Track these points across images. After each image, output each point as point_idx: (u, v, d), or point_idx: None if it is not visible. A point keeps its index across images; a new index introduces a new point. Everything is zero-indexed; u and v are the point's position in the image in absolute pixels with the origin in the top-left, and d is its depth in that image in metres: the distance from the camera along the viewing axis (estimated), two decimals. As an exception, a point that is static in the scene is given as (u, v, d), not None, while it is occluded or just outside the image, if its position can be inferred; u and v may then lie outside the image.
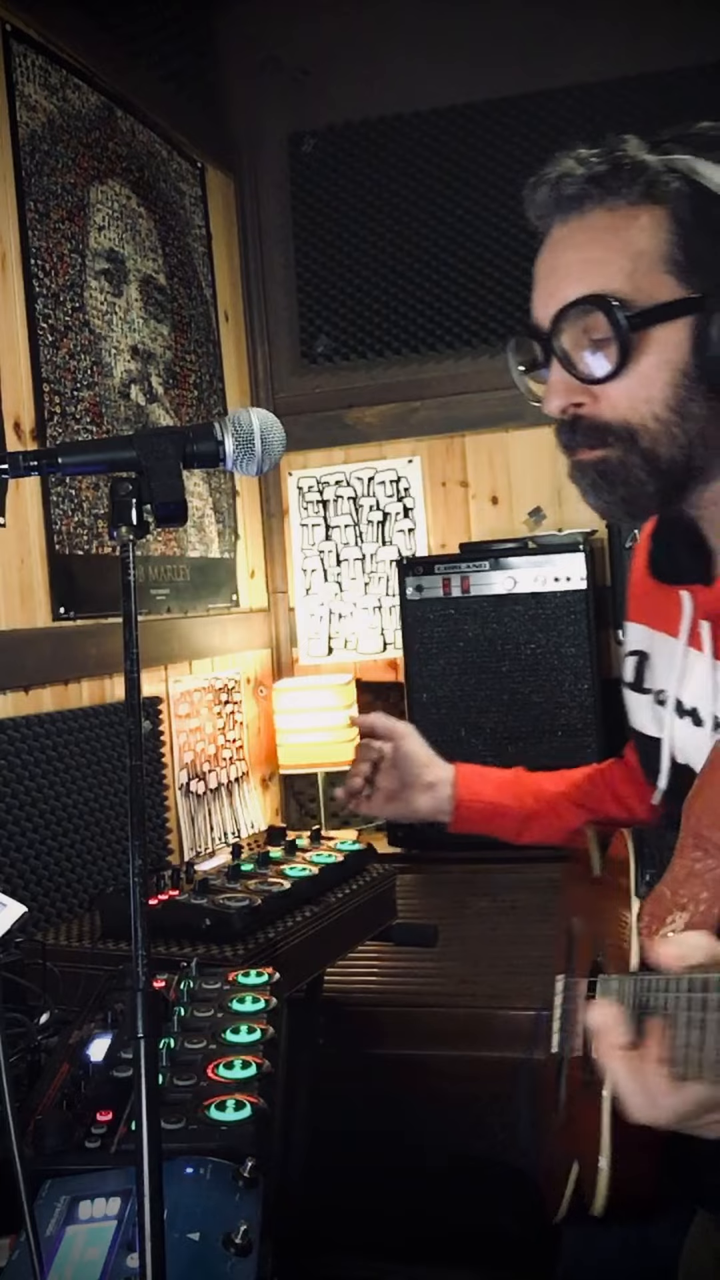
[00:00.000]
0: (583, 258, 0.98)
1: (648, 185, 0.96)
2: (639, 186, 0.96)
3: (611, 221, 0.97)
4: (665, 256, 0.95)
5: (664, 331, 0.96)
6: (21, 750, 2.29)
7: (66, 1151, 1.18)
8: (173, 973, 1.61)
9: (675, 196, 0.96)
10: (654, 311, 0.95)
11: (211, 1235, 1.00)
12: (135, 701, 0.95)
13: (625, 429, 0.98)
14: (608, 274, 0.96)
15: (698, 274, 0.95)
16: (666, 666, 1.13)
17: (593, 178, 0.98)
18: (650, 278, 0.96)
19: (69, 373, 2.61)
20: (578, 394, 1.00)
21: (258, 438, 1.03)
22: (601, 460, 1.01)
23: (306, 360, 3.59)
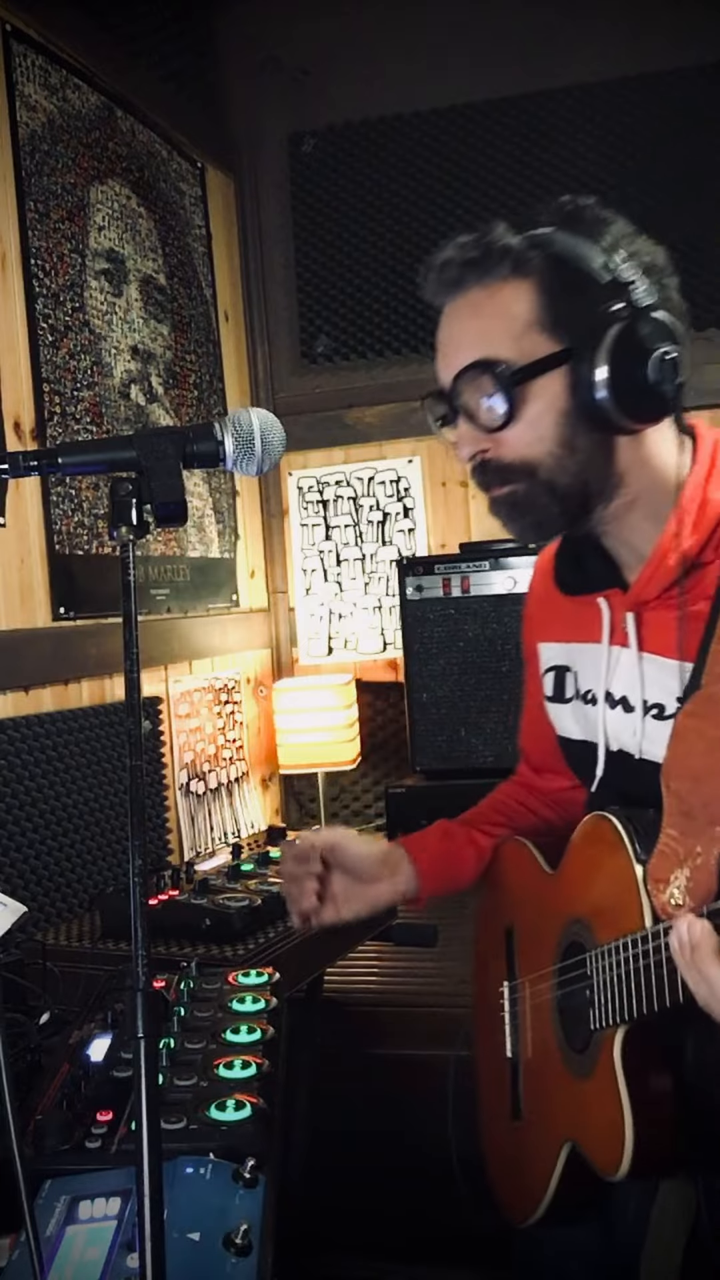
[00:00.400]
0: (468, 328, 1.16)
1: (514, 263, 1.13)
2: (507, 265, 1.13)
3: (487, 296, 1.15)
4: (535, 319, 1.13)
5: (544, 381, 1.12)
6: (21, 750, 2.29)
7: (66, 1151, 1.18)
8: (173, 973, 1.61)
9: (538, 268, 1.13)
10: (530, 367, 1.12)
11: (211, 1235, 1.00)
12: (135, 701, 0.95)
13: (525, 466, 1.15)
14: (490, 340, 1.14)
15: (565, 330, 1.12)
16: (592, 669, 1.28)
17: (467, 262, 1.15)
18: (526, 338, 1.13)
19: (69, 373, 2.61)
20: (482, 442, 1.17)
21: (258, 438, 1.03)
22: (510, 494, 1.18)
23: (306, 360, 3.60)
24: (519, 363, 1.12)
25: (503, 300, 1.14)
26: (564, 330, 1.12)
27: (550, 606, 1.36)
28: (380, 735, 3.55)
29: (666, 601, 1.18)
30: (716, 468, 1.18)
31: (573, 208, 1.16)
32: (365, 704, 3.50)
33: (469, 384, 1.15)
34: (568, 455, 1.14)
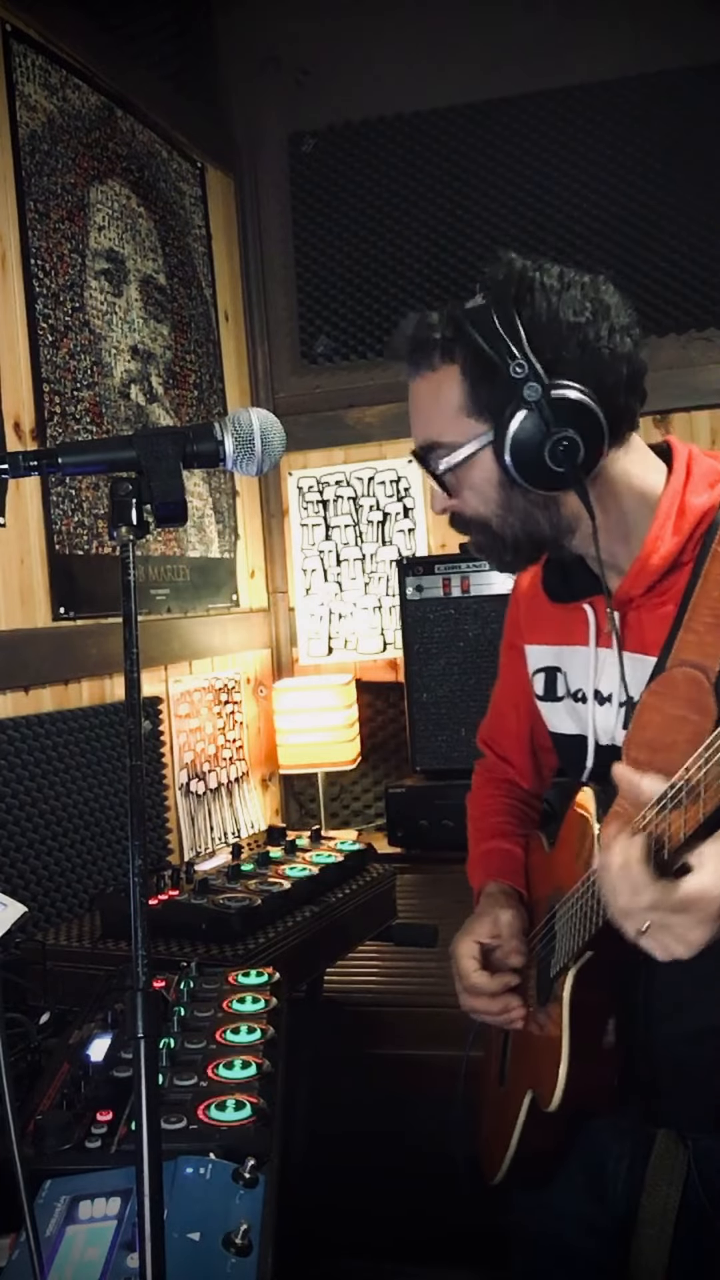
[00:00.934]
0: (418, 411, 1.30)
1: (442, 351, 1.25)
2: (437, 354, 1.25)
3: (427, 383, 1.27)
4: (461, 404, 1.25)
5: (478, 458, 1.25)
6: (21, 750, 2.29)
7: (66, 1151, 1.18)
8: (173, 973, 1.61)
9: (461, 356, 1.24)
10: (463, 453, 1.26)
11: (211, 1235, 1.00)
12: (135, 701, 0.95)
13: (480, 521, 1.29)
14: (434, 424, 1.27)
15: (486, 411, 1.23)
16: (581, 669, 1.38)
17: (412, 347, 1.28)
18: (458, 422, 1.25)
19: (69, 373, 2.61)
20: (448, 501, 1.31)
21: (258, 438, 1.03)
22: (476, 542, 1.33)
23: (306, 360, 3.59)
24: (456, 444, 1.26)
25: (437, 387, 1.26)
26: (486, 413, 1.24)
27: (538, 611, 1.47)
28: (380, 735, 3.55)
29: (648, 602, 1.29)
30: (693, 477, 1.28)
31: (505, 272, 1.27)
32: (365, 704, 3.50)
33: (426, 458, 1.30)
34: (509, 514, 1.27)
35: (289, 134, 3.57)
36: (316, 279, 3.57)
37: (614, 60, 3.27)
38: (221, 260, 3.48)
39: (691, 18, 3.16)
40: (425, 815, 2.96)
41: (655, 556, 1.25)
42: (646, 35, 3.23)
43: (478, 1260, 2.03)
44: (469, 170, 3.41)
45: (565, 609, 1.40)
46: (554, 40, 3.29)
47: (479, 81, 3.38)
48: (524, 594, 1.53)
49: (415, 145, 3.46)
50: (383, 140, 3.49)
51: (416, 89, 3.43)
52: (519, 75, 3.34)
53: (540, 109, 3.35)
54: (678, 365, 3.15)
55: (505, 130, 3.38)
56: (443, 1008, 2.28)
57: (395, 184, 3.48)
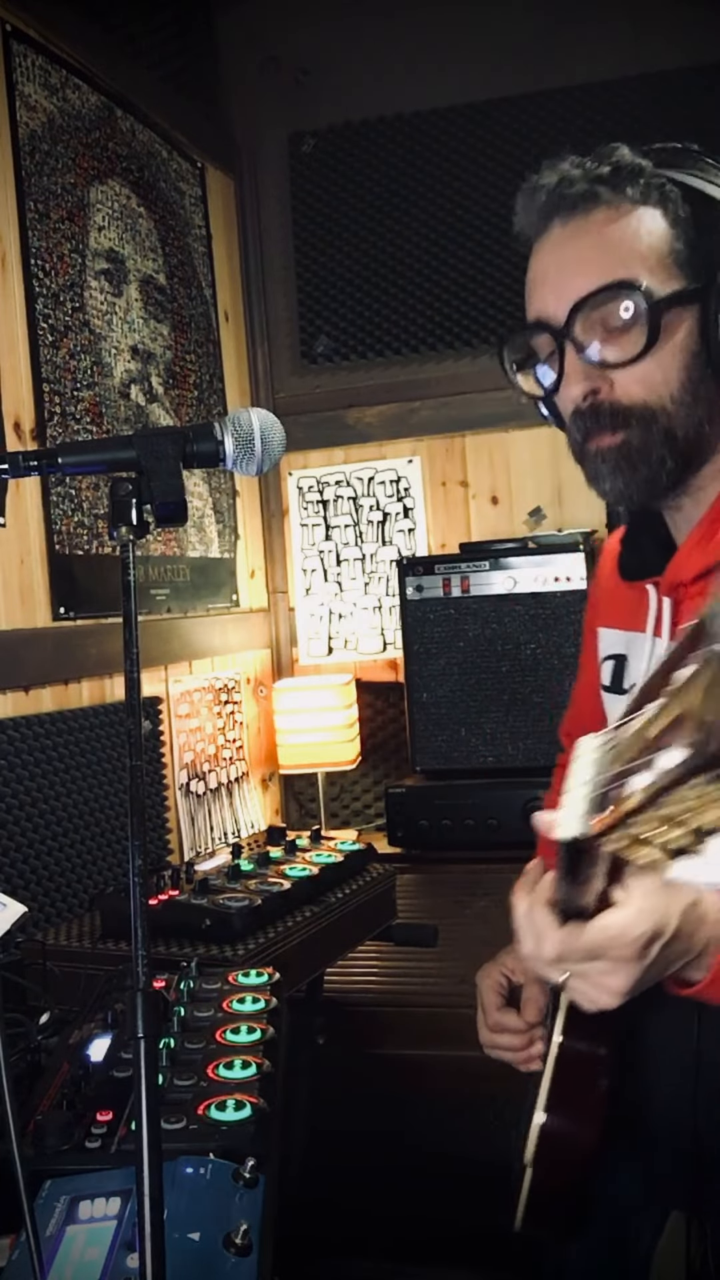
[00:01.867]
0: (595, 251, 1.05)
1: (646, 187, 1.05)
2: (638, 188, 1.05)
3: (616, 218, 1.04)
4: (669, 251, 1.03)
5: (676, 318, 1.03)
6: (21, 750, 2.29)
7: (66, 1151, 1.18)
8: (173, 973, 1.61)
9: (672, 197, 1.04)
10: (671, 298, 1.02)
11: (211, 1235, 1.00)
12: (135, 701, 0.95)
13: (645, 411, 1.04)
14: (626, 265, 1.03)
15: (696, 267, 1.03)
16: (638, 661, 1.20)
17: (597, 178, 1.06)
18: (660, 270, 1.03)
19: (69, 373, 2.61)
20: (596, 380, 1.05)
21: (258, 438, 1.03)
22: (624, 443, 1.06)
23: (306, 360, 3.59)
24: (660, 291, 1.02)
25: (634, 225, 1.04)
26: (695, 267, 1.03)
27: (612, 592, 1.27)
28: (380, 735, 3.55)
29: (705, 589, 1.08)
30: None
31: (681, 148, 1.09)
32: (365, 704, 3.50)
33: (592, 312, 1.03)
34: (690, 403, 1.04)
35: (289, 134, 3.57)
36: (316, 279, 3.57)
37: (614, 60, 3.27)
38: (221, 260, 3.48)
39: (691, 18, 3.16)
40: (425, 815, 2.96)
41: (710, 542, 1.06)
42: (646, 35, 3.23)
43: (478, 1260, 2.03)
44: (469, 170, 3.41)
45: (633, 590, 1.20)
46: (554, 40, 3.29)
47: (479, 81, 3.38)
48: (603, 574, 1.33)
49: (415, 145, 3.46)
50: (383, 140, 3.49)
51: (416, 89, 3.43)
52: (519, 75, 3.34)
53: (540, 109, 3.35)
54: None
55: (505, 130, 3.38)
56: (442, 1008, 2.28)
57: (395, 184, 3.48)
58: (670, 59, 3.23)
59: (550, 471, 3.33)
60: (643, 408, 1.04)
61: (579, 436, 1.09)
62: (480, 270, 3.39)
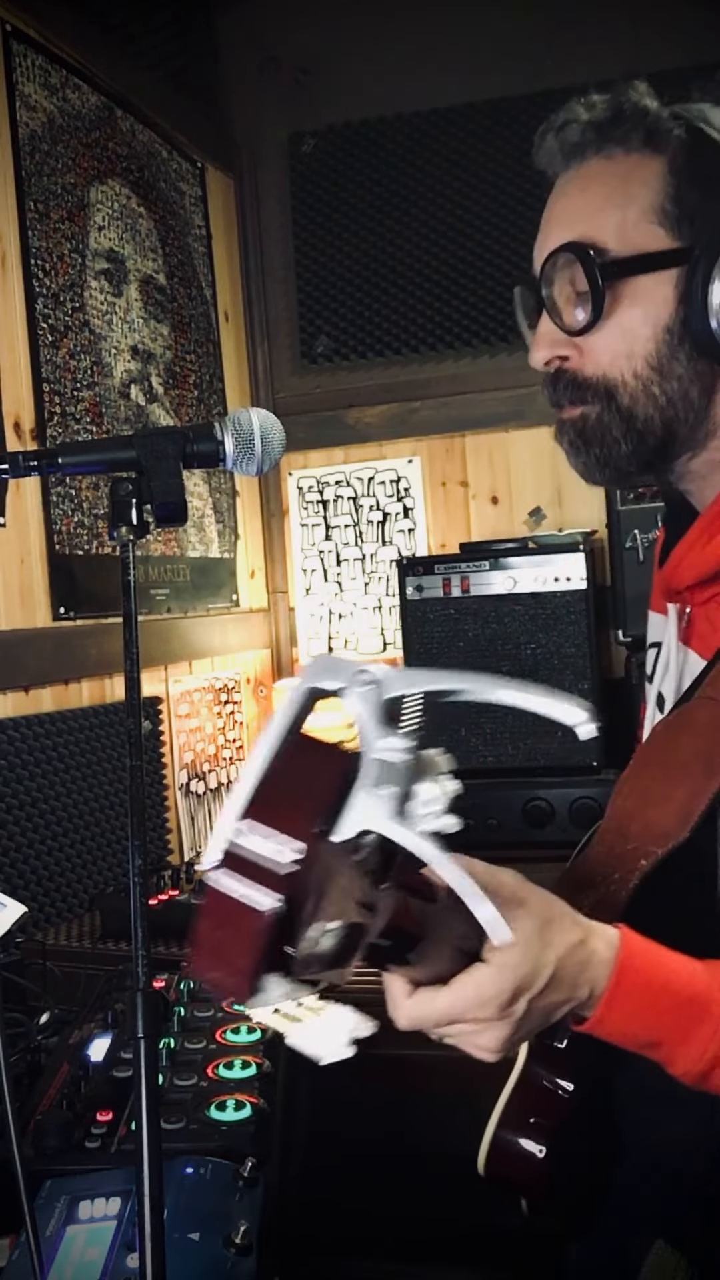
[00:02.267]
0: (574, 205, 0.97)
1: (647, 133, 0.95)
2: (639, 134, 0.95)
3: (607, 170, 0.95)
4: (656, 207, 0.93)
5: (649, 284, 0.92)
6: (21, 750, 2.29)
7: (66, 1151, 1.18)
8: (173, 973, 1.61)
9: (675, 145, 0.94)
10: (634, 261, 0.92)
11: (211, 1235, 1.01)
12: (135, 701, 0.95)
13: (604, 385, 0.95)
14: (595, 223, 0.94)
15: (689, 226, 0.92)
16: (664, 650, 1.10)
17: (593, 124, 0.97)
18: (639, 228, 0.93)
19: (69, 373, 2.61)
20: (562, 347, 0.97)
21: (258, 438, 1.03)
22: (580, 418, 0.98)
23: (306, 360, 3.59)
24: (623, 254, 0.92)
25: (622, 175, 0.94)
26: (687, 226, 0.92)
27: (657, 575, 1.15)
28: (380, 735, 3.54)
29: (707, 597, 0.99)
30: None
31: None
32: (365, 704, 3.49)
33: (561, 272, 0.95)
34: (656, 380, 0.93)
35: (289, 134, 3.57)
36: (316, 279, 3.57)
37: (614, 60, 3.27)
38: (221, 260, 3.48)
39: (691, 18, 3.15)
40: (425, 815, 2.95)
41: (707, 546, 0.96)
42: (646, 35, 3.23)
43: (478, 1260, 2.03)
44: (469, 170, 3.41)
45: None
46: (554, 40, 3.29)
47: (479, 81, 3.37)
48: (658, 552, 1.20)
49: (415, 145, 3.46)
50: (383, 140, 3.49)
51: (416, 89, 3.43)
52: (519, 75, 3.33)
53: (540, 109, 3.30)
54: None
55: (505, 130, 3.38)
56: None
57: (395, 184, 3.48)
58: (670, 59, 3.23)
59: (550, 471, 3.33)
60: (601, 381, 0.95)
61: (551, 404, 1.01)
62: (480, 270, 3.39)
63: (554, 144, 1.00)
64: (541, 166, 1.02)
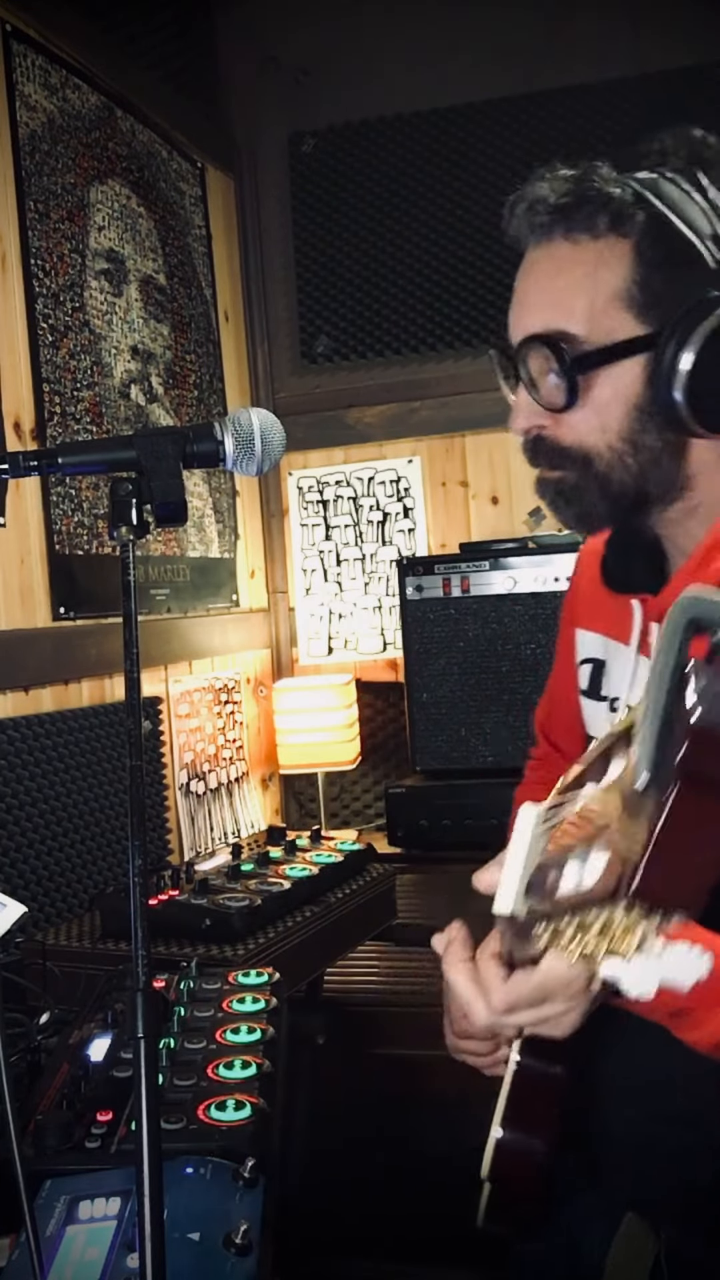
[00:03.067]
0: (546, 289, 1.03)
1: (612, 219, 0.98)
2: (604, 219, 0.99)
3: (574, 255, 1.00)
4: (623, 293, 0.98)
5: (619, 367, 0.99)
6: (21, 750, 2.29)
7: (66, 1151, 1.18)
8: (173, 973, 1.61)
9: (639, 231, 0.98)
10: (605, 351, 0.98)
11: (211, 1235, 1.00)
12: (135, 701, 0.95)
13: (581, 454, 1.03)
14: (566, 310, 1.00)
15: (654, 310, 0.97)
16: (620, 674, 1.17)
17: (558, 208, 1.01)
18: (608, 315, 0.99)
19: (69, 373, 2.61)
20: (540, 417, 1.05)
21: (258, 438, 1.03)
22: (560, 480, 1.06)
23: (306, 360, 3.59)
24: (593, 342, 0.98)
25: (590, 262, 0.99)
26: (653, 310, 0.98)
27: (594, 594, 1.23)
28: (380, 735, 3.55)
29: None
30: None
31: (686, 140, 1.01)
32: (365, 704, 3.50)
33: (534, 354, 1.01)
34: (629, 452, 1.02)
35: (289, 134, 3.57)
36: (316, 279, 3.57)
37: (614, 60, 3.27)
38: (221, 260, 3.48)
39: (691, 18, 3.16)
40: (425, 815, 2.96)
41: (703, 571, 1.02)
42: (646, 35, 3.23)
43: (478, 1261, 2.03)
44: (469, 170, 3.41)
45: (616, 600, 1.17)
46: (554, 40, 3.29)
47: (479, 81, 3.38)
48: (583, 574, 1.30)
49: (415, 145, 3.46)
50: (383, 140, 3.49)
51: (416, 89, 3.43)
52: (519, 75, 3.34)
53: (540, 109, 3.35)
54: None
55: (505, 130, 3.38)
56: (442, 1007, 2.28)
57: (395, 184, 3.48)
58: (670, 59, 3.23)
59: (550, 471, 3.32)
60: (579, 450, 1.03)
61: (529, 462, 1.09)
62: (480, 270, 3.39)
63: (522, 219, 1.04)
64: (511, 235, 1.07)
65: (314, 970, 2.18)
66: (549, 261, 1.03)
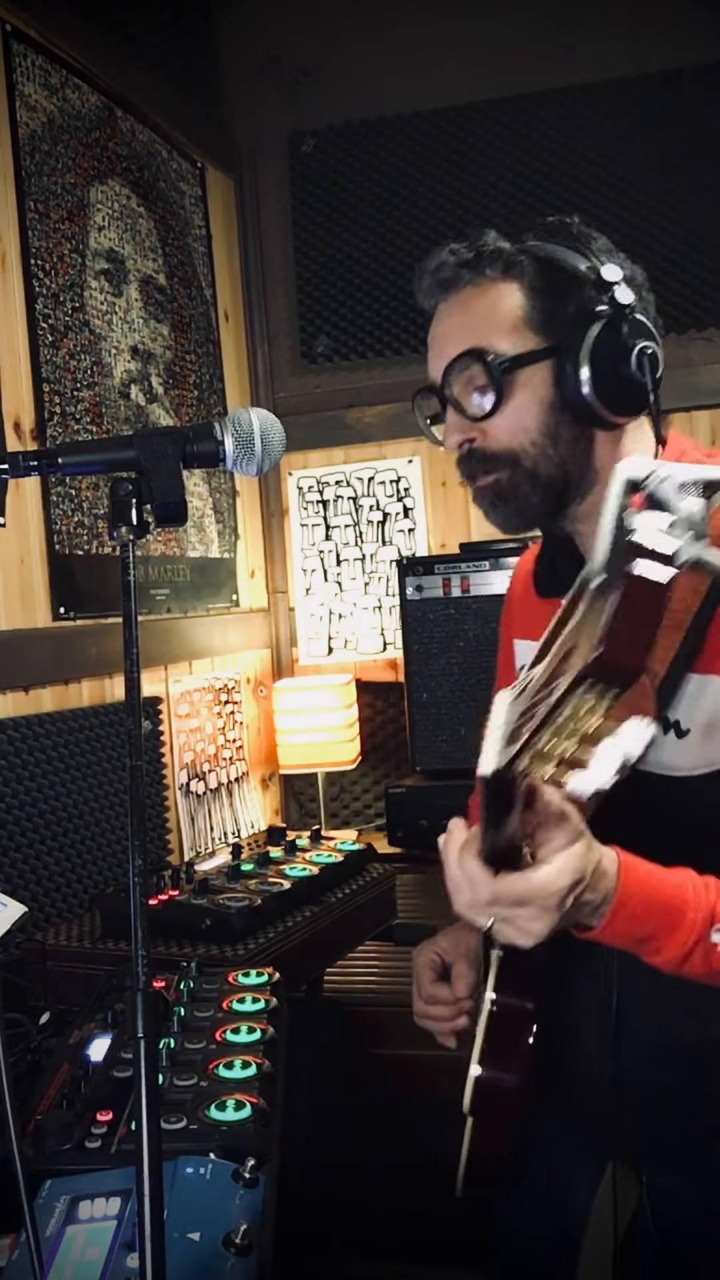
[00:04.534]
0: (459, 323, 1.22)
1: (505, 265, 1.19)
2: (498, 266, 1.19)
3: (478, 294, 1.21)
4: (523, 316, 1.18)
5: (530, 374, 1.18)
6: (21, 750, 2.29)
7: (66, 1151, 1.18)
8: (173, 973, 1.61)
9: (527, 270, 1.19)
10: (519, 358, 1.18)
11: (211, 1235, 1.01)
12: (135, 701, 0.95)
13: (509, 455, 1.20)
14: (480, 333, 1.19)
15: (551, 327, 1.18)
16: None
17: (462, 263, 1.21)
18: (514, 334, 1.18)
19: (69, 373, 2.61)
20: (469, 431, 1.22)
21: (258, 438, 1.03)
22: (494, 483, 1.22)
23: (306, 360, 3.59)
24: (507, 354, 1.18)
25: (492, 298, 1.20)
26: (549, 328, 1.18)
27: (527, 605, 1.40)
28: (380, 735, 3.55)
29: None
30: None
31: (558, 223, 1.23)
32: (365, 704, 3.50)
33: (459, 373, 1.20)
34: (550, 445, 1.19)
35: (289, 134, 3.57)
36: (316, 279, 3.57)
37: (614, 60, 3.27)
38: (221, 260, 3.48)
39: (690, 18, 3.16)
40: (425, 815, 2.96)
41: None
42: (646, 35, 3.23)
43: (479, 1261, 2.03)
44: (469, 170, 3.41)
45: (548, 605, 1.29)
46: (554, 40, 3.29)
47: (479, 81, 3.38)
48: (517, 588, 1.49)
49: (415, 145, 3.46)
50: (383, 140, 3.49)
51: (416, 89, 3.43)
52: (519, 75, 3.34)
53: (540, 109, 3.35)
54: (677, 365, 3.14)
55: (505, 130, 3.38)
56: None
57: (395, 184, 3.48)
58: (670, 59, 3.24)
59: (550, 471, 3.33)
60: (507, 452, 1.20)
61: (466, 478, 1.25)
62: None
63: (431, 281, 1.24)
64: (421, 300, 1.27)
65: (314, 970, 2.19)
66: (458, 305, 1.22)
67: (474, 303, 1.21)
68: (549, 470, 1.20)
